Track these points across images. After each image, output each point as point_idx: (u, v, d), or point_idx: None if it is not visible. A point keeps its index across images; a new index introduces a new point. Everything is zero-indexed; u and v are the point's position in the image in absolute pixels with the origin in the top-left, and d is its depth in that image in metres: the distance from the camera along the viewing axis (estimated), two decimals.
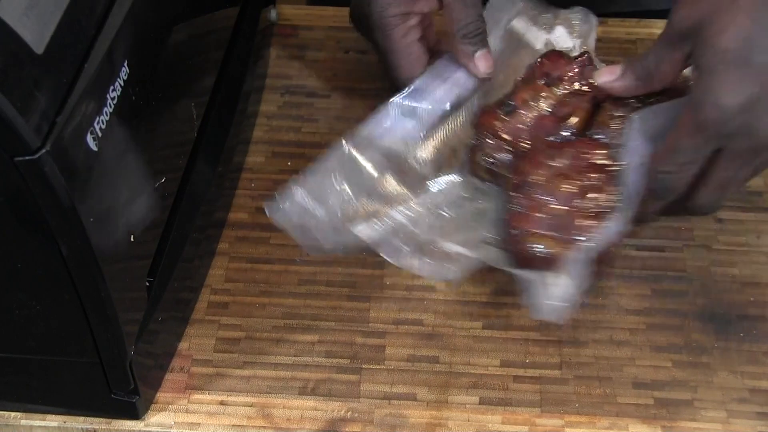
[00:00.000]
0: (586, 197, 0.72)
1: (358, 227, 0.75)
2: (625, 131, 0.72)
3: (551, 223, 0.72)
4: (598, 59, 0.79)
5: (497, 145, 0.75)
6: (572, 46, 0.82)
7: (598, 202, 0.72)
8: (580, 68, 0.77)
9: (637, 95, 0.72)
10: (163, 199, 0.72)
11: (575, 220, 0.72)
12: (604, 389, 0.73)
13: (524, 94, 0.77)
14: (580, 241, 0.71)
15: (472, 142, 0.77)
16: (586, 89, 0.76)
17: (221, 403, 0.73)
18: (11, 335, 0.66)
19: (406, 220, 0.76)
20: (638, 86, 0.71)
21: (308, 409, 0.72)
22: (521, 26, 0.84)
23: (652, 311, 0.78)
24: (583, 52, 0.79)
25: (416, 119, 0.79)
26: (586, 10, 0.83)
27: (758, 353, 0.75)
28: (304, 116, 0.91)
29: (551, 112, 0.76)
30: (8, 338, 0.67)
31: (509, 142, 0.75)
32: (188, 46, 0.75)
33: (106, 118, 0.60)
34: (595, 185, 0.73)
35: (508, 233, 0.73)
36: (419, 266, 0.75)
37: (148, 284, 0.70)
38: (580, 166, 0.73)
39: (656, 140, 0.71)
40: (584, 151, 0.74)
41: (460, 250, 0.74)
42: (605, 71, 0.73)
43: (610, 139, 0.73)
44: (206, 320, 0.77)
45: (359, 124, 0.78)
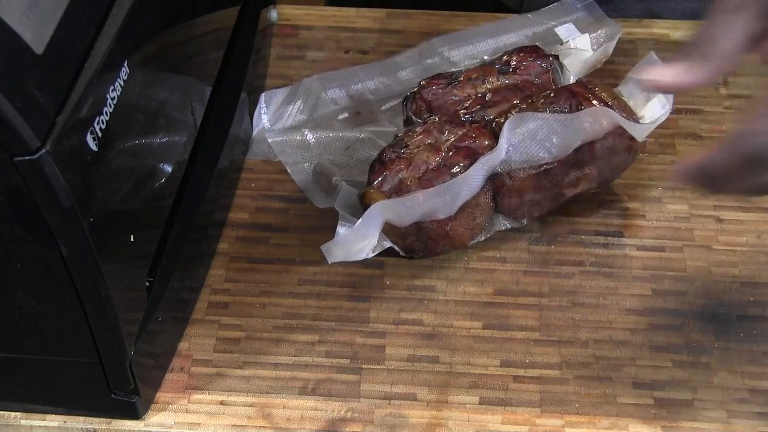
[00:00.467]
0: (439, 175, 0.75)
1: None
2: (502, 131, 0.75)
3: (393, 185, 0.75)
4: (573, 74, 0.81)
5: (423, 105, 0.80)
6: (590, 53, 0.85)
7: (442, 182, 0.75)
8: (546, 70, 0.79)
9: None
10: (163, 199, 0.72)
11: (411, 189, 0.75)
12: (604, 389, 0.73)
13: (475, 72, 0.80)
14: (404, 206, 0.73)
15: (411, 91, 0.81)
16: (529, 85, 0.78)
17: (221, 403, 0.73)
18: (11, 335, 0.66)
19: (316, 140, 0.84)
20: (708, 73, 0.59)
21: (308, 409, 0.72)
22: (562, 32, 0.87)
23: (652, 311, 0.77)
24: (555, 55, 0.81)
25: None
26: (619, 25, 0.86)
27: (758, 353, 0.75)
28: None
29: (482, 95, 0.79)
30: (8, 338, 0.67)
31: (429, 104, 0.79)
32: (188, 46, 0.75)
33: (106, 118, 0.60)
34: (453, 169, 0.75)
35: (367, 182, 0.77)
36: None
37: (148, 284, 0.70)
38: (456, 146, 0.76)
39: (518, 148, 0.75)
40: (471, 135, 0.77)
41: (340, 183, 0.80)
42: (670, 69, 0.60)
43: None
44: (206, 320, 0.77)
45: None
